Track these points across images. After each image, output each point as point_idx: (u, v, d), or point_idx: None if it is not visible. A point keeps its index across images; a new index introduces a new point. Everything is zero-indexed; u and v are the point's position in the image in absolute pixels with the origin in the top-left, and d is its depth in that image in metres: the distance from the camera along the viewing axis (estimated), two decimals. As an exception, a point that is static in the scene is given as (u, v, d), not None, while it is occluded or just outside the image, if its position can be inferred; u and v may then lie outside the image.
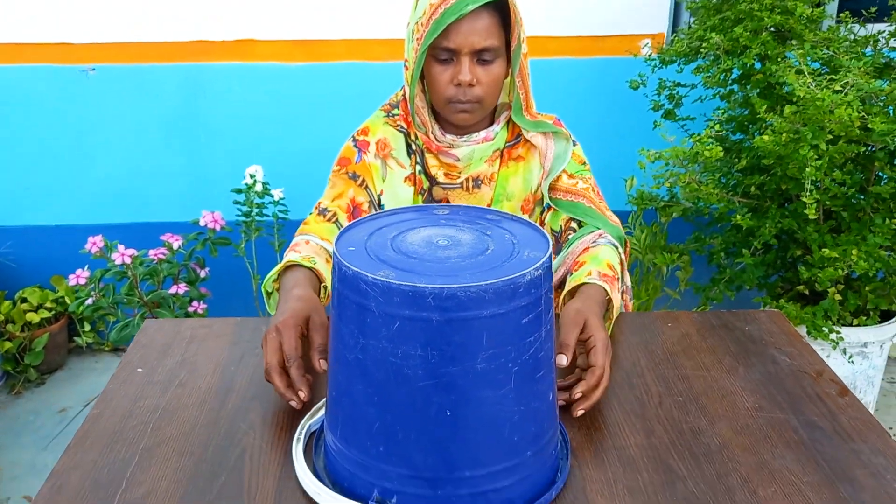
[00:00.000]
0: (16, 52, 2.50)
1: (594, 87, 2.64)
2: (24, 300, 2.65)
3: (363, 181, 1.34)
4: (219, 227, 2.34)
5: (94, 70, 2.53)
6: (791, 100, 1.88)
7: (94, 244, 2.18)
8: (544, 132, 1.35)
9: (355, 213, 1.32)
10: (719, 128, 2.00)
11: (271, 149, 2.64)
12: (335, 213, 1.30)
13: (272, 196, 2.36)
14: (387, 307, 0.78)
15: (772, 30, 2.04)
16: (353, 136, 1.37)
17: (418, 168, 1.35)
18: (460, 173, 1.35)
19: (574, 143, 1.37)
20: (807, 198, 1.83)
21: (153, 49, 2.52)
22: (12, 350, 2.58)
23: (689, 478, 0.93)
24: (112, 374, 1.14)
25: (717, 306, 2.35)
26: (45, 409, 2.52)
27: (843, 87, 1.75)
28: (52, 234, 2.69)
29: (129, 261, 2.18)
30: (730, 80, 2.17)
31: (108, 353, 2.84)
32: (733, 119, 2.22)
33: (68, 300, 2.60)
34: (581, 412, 1.01)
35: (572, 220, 1.34)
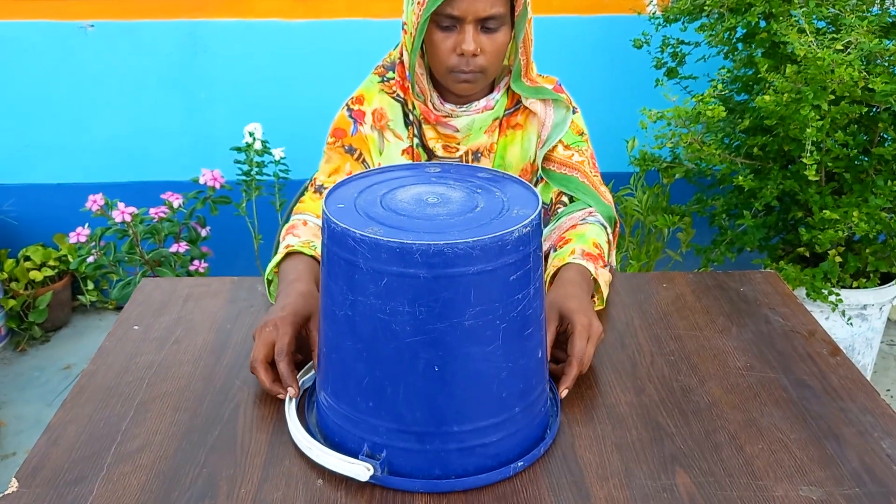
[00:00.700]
0: (14, 8, 2.47)
1: (597, 45, 2.61)
2: (27, 258, 2.67)
3: (360, 155, 1.29)
4: (218, 186, 2.34)
5: (92, 26, 2.51)
6: (794, 59, 1.85)
7: (95, 202, 2.18)
8: (544, 99, 1.30)
9: None
10: (722, 87, 1.98)
11: (271, 106, 2.62)
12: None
13: (272, 154, 2.35)
14: (375, 263, 0.78)
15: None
16: (348, 105, 1.31)
17: (416, 141, 1.30)
18: (459, 145, 1.30)
19: (574, 110, 1.32)
20: (807, 159, 1.81)
21: (152, 5, 2.49)
22: (16, 308, 2.60)
23: (678, 434, 0.94)
24: (109, 332, 1.15)
25: (718, 268, 2.35)
26: (50, 365, 2.56)
27: (845, 47, 1.73)
28: (53, 192, 2.69)
29: (129, 219, 2.18)
30: (734, 39, 2.14)
31: (111, 311, 2.86)
32: (737, 79, 2.19)
33: (71, 258, 2.61)
34: (566, 392, 1.00)
35: (563, 194, 1.30)
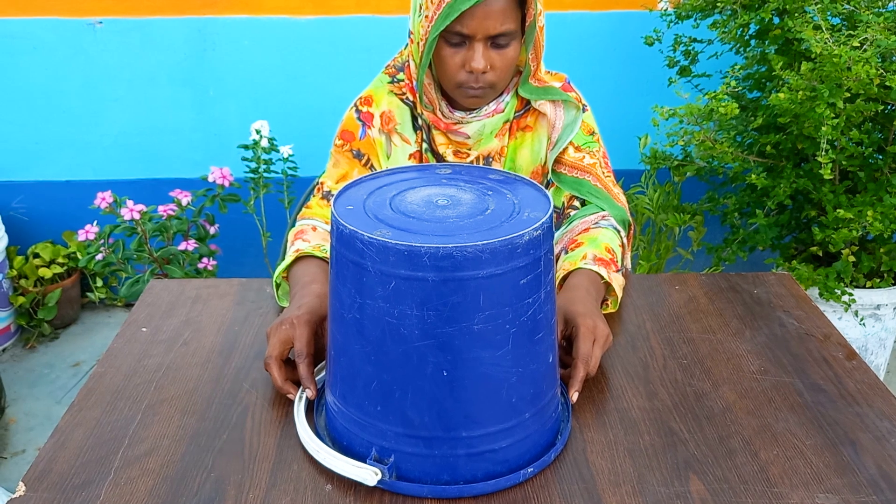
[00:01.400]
0: (23, 4, 2.47)
1: (608, 42, 2.59)
2: (36, 255, 2.67)
3: (367, 160, 1.27)
4: (227, 184, 2.33)
5: (101, 23, 2.51)
6: (809, 56, 1.83)
7: (103, 199, 2.18)
8: (553, 100, 1.26)
9: None
10: (735, 84, 1.96)
11: (281, 103, 2.62)
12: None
13: (279, 152, 2.34)
14: (383, 266, 0.77)
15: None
16: (356, 106, 1.28)
17: (425, 146, 1.27)
18: (470, 150, 1.27)
19: (584, 108, 1.29)
20: (822, 157, 1.79)
21: (161, 1, 2.49)
22: (26, 305, 2.61)
23: (691, 440, 0.92)
24: (117, 333, 1.15)
25: (730, 267, 2.33)
26: (60, 362, 2.56)
27: (861, 44, 1.70)
28: (62, 189, 2.70)
29: (137, 216, 2.18)
30: (747, 36, 2.12)
31: (120, 308, 2.86)
32: (750, 76, 2.17)
33: (80, 255, 2.61)
34: (576, 395, 0.98)
35: (575, 197, 1.28)
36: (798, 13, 1.89)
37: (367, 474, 0.83)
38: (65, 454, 0.89)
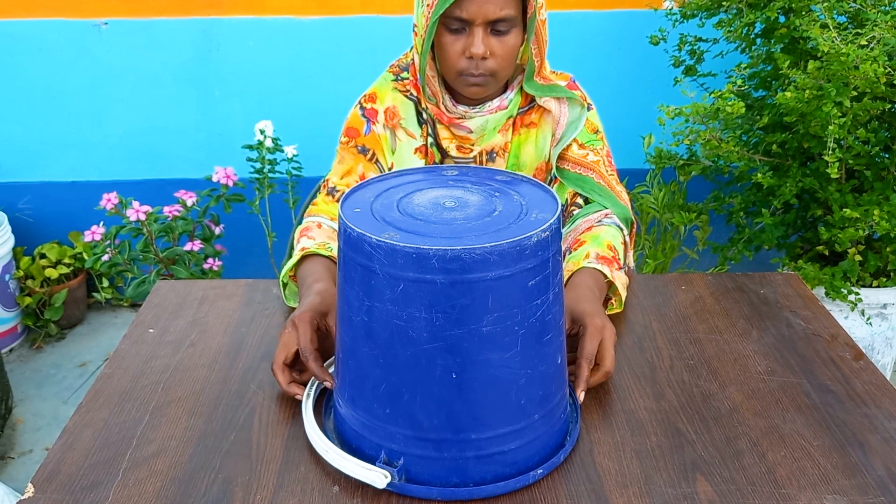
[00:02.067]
0: (28, 5, 2.48)
1: (613, 41, 2.58)
2: (42, 256, 2.68)
3: (373, 155, 1.28)
4: (232, 184, 2.34)
5: (106, 24, 2.51)
6: (815, 55, 1.82)
7: (109, 201, 2.18)
8: (558, 97, 1.27)
9: None
10: (742, 83, 1.95)
11: (286, 103, 2.62)
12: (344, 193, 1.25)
13: (284, 152, 2.34)
14: (391, 269, 0.77)
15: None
16: (360, 103, 1.29)
17: (430, 140, 1.28)
18: (473, 145, 1.28)
19: (589, 107, 1.29)
20: (829, 156, 1.79)
21: (166, 2, 2.49)
22: (32, 305, 2.62)
23: (698, 441, 0.92)
24: (124, 334, 1.15)
25: (736, 266, 2.32)
26: (66, 362, 2.57)
27: (868, 42, 1.70)
28: (68, 189, 2.70)
29: (143, 217, 2.18)
30: (752, 35, 2.11)
31: (126, 309, 2.87)
32: (755, 75, 2.16)
33: (86, 256, 2.62)
34: (583, 395, 0.98)
35: (578, 195, 1.28)
36: (804, 12, 1.88)
37: (377, 477, 0.83)
38: (73, 455, 0.90)
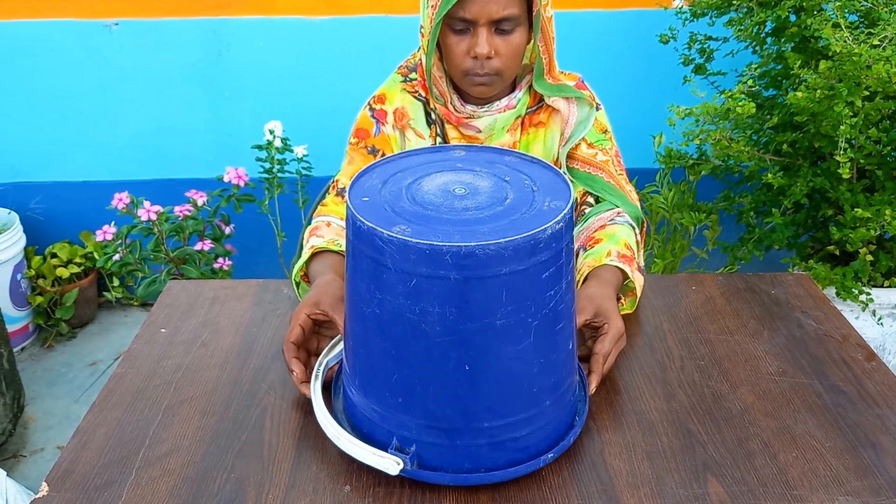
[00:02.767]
0: (39, 6, 2.49)
1: (622, 40, 2.58)
2: (53, 255, 2.69)
3: (383, 156, 1.26)
4: (242, 184, 2.34)
5: (116, 25, 2.52)
6: (826, 54, 1.82)
7: (121, 200, 2.20)
8: (567, 97, 1.27)
9: None
10: (752, 83, 1.94)
11: (295, 103, 2.63)
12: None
13: (293, 152, 2.35)
14: (403, 265, 0.77)
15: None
16: (370, 104, 1.30)
17: (439, 140, 1.29)
18: (482, 144, 1.28)
19: (598, 107, 1.30)
20: (841, 156, 1.78)
21: (176, 3, 2.50)
22: (43, 304, 2.63)
23: (709, 442, 0.92)
24: (136, 334, 1.16)
25: (745, 266, 2.31)
26: (77, 361, 2.58)
27: (881, 42, 1.69)
28: (79, 189, 2.72)
29: (154, 217, 2.19)
30: (763, 34, 2.10)
31: (137, 308, 2.88)
32: (766, 74, 2.15)
33: (97, 255, 2.63)
34: (595, 388, 0.99)
35: (589, 193, 1.29)
36: (815, 11, 1.88)
37: (389, 463, 0.83)
38: (87, 454, 0.90)
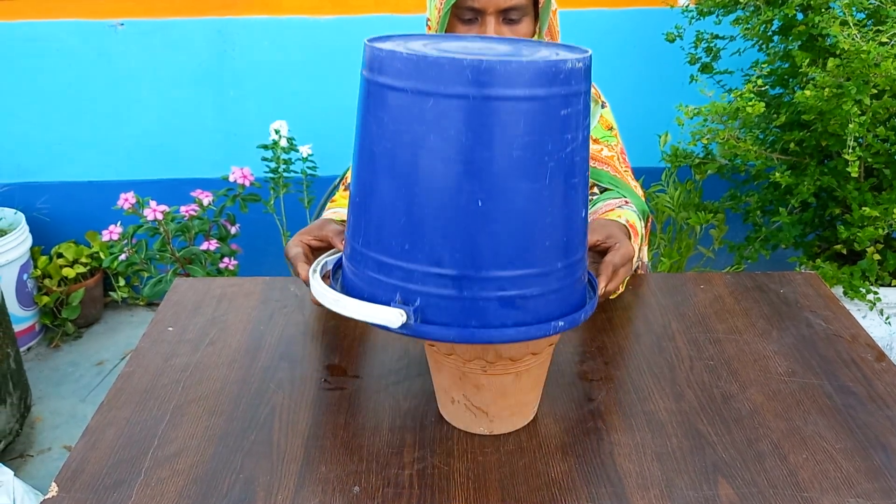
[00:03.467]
0: (45, 7, 2.50)
1: (628, 39, 2.57)
2: (59, 255, 2.70)
3: None
4: (248, 183, 2.35)
5: (122, 25, 2.53)
6: (834, 52, 1.81)
7: (126, 200, 2.20)
8: None
9: None
10: (762, 83, 1.94)
11: (301, 103, 2.63)
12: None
13: (298, 152, 2.35)
14: (420, 83, 0.74)
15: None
16: None
17: None
18: None
19: (603, 104, 1.31)
20: (849, 155, 1.77)
21: (181, 3, 2.50)
22: (50, 304, 2.64)
23: (719, 443, 0.92)
24: (144, 332, 1.16)
25: (752, 265, 2.31)
26: (84, 361, 2.59)
27: (889, 39, 1.68)
28: (84, 189, 2.72)
29: (160, 217, 2.19)
30: (770, 32, 2.09)
31: (142, 308, 2.89)
32: (773, 73, 2.15)
33: (102, 255, 2.64)
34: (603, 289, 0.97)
35: (596, 185, 1.29)
36: (823, 9, 1.87)
37: (393, 315, 0.79)
38: (96, 454, 0.90)
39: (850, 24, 1.72)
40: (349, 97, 2.45)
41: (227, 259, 2.31)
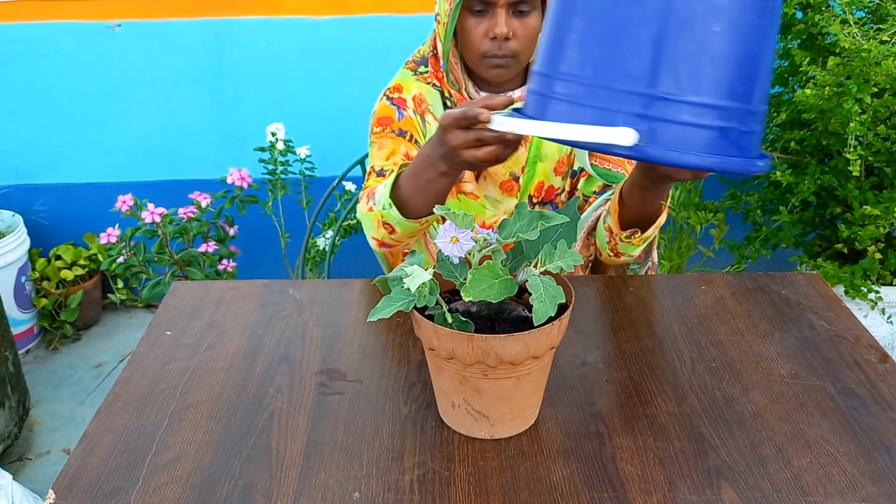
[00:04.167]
0: (42, 9, 2.48)
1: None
2: (58, 257, 2.69)
3: (411, 136, 1.28)
4: (246, 185, 2.33)
5: (119, 26, 2.52)
6: (834, 51, 1.80)
7: (124, 202, 2.19)
8: None
9: None
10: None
11: (299, 104, 2.62)
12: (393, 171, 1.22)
13: (295, 153, 2.34)
14: None
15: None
16: (387, 95, 1.30)
17: None
18: None
19: None
20: (850, 154, 1.77)
21: (179, 4, 2.49)
22: (48, 306, 2.63)
23: (722, 446, 0.91)
24: (141, 336, 1.15)
25: (752, 265, 2.30)
26: (82, 363, 2.58)
27: (890, 38, 1.68)
28: (83, 191, 2.71)
29: (158, 219, 2.18)
30: (770, 31, 2.08)
31: (141, 310, 2.88)
32: (772, 71, 2.14)
33: (101, 258, 2.63)
34: None
35: (608, 186, 1.30)
36: (823, 7, 1.86)
37: (624, 135, 0.78)
38: (93, 461, 0.90)
39: (851, 23, 1.72)
40: (348, 98, 2.46)
41: (225, 261, 2.30)
